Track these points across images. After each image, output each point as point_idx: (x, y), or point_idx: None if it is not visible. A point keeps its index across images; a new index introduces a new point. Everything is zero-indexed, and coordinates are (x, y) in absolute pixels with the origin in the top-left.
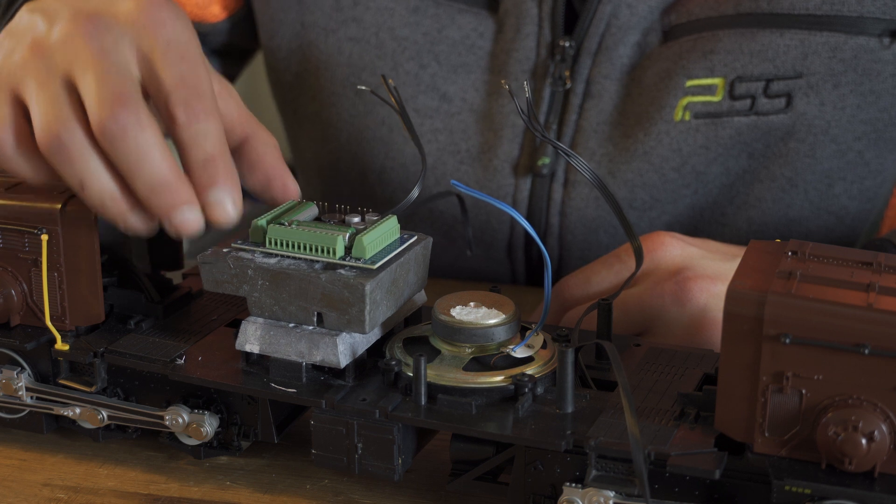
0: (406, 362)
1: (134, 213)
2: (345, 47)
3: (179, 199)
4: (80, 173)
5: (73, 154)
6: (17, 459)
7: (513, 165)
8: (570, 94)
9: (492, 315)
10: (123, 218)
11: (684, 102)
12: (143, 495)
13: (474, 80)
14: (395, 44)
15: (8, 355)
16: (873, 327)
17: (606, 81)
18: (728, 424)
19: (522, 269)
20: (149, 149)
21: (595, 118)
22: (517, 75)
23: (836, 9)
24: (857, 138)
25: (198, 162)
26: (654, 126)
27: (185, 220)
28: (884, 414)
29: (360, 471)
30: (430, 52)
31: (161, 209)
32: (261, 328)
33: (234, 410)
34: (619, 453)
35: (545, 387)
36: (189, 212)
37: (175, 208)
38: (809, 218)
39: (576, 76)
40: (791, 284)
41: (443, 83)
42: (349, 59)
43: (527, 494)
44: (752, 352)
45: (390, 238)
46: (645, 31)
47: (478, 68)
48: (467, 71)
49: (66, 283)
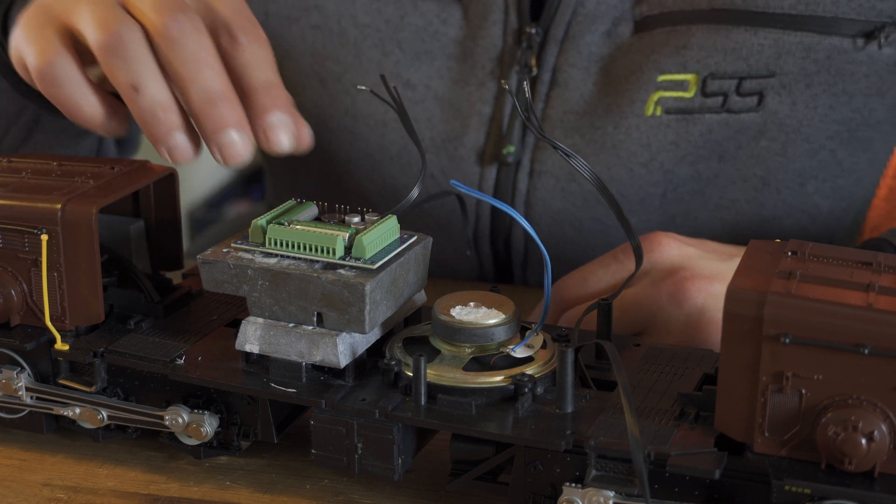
0: (406, 362)
1: (181, 131)
2: (308, 36)
3: (233, 117)
4: (135, 75)
5: (130, 52)
6: (17, 459)
7: (478, 154)
8: (536, 81)
9: (492, 315)
10: (170, 134)
11: (656, 97)
12: (143, 495)
13: (438, 68)
14: (357, 31)
15: (8, 355)
16: (873, 327)
17: (573, 70)
18: (728, 424)
19: (490, 263)
20: (208, 56)
21: (561, 107)
22: (484, 63)
23: (811, 9)
24: (829, 137)
25: (259, 83)
26: (624, 119)
27: (234, 141)
28: (884, 414)
29: (360, 471)
30: (392, 40)
31: (213, 124)
32: (261, 328)
33: (233, 410)
34: (619, 453)
35: (545, 387)
36: (239, 134)
37: (227, 126)
38: (783, 217)
39: (542, 64)
40: (791, 284)
41: (406, 71)
42: (312, 47)
43: (527, 494)
44: (751, 352)
45: (390, 238)
46: (615, 20)
47: (442, 55)
48: (431, 58)
49: (65, 283)
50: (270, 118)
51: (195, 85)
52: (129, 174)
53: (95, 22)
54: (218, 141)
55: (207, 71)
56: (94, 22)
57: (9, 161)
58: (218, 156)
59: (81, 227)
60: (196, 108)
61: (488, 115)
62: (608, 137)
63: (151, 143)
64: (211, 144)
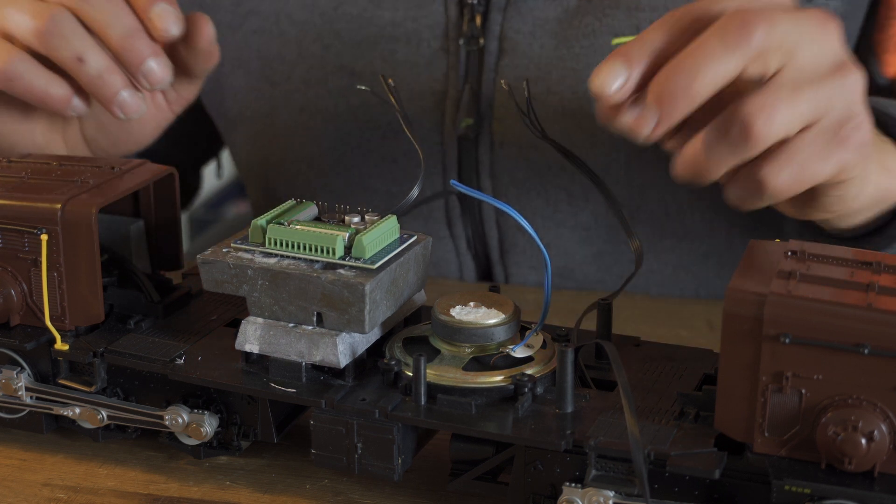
0: (406, 362)
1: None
2: (251, 41)
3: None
4: (77, 48)
5: (67, 30)
6: (17, 459)
7: (438, 132)
8: (484, 52)
9: (492, 315)
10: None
11: None
12: (142, 495)
13: (381, 52)
14: (295, 29)
15: (8, 355)
16: (873, 327)
17: (520, 36)
18: (728, 424)
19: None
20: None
21: (512, 75)
22: (430, 41)
23: None
24: None
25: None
26: (580, 84)
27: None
28: (883, 414)
29: (359, 471)
30: (330, 31)
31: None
32: (260, 328)
33: (233, 410)
34: (619, 453)
35: (545, 387)
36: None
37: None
38: None
39: (487, 33)
40: (791, 284)
41: (350, 60)
42: (257, 51)
43: (527, 494)
44: (751, 352)
45: (390, 238)
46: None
47: (382, 39)
48: (372, 44)
49: (65, 283)
50: (153, 10)
51: (111, 27)
52: (129, 174)
53: (27, 15)
54: (142, 70)
55: (119, 11)
56: (26, 16)
57: (9, 161)
58: (144, 82)
59: (81, 227)
60: (117, 47)
61: (441, 91)
62: (566, 102)
63: (103, 105)
64: (137, 75)
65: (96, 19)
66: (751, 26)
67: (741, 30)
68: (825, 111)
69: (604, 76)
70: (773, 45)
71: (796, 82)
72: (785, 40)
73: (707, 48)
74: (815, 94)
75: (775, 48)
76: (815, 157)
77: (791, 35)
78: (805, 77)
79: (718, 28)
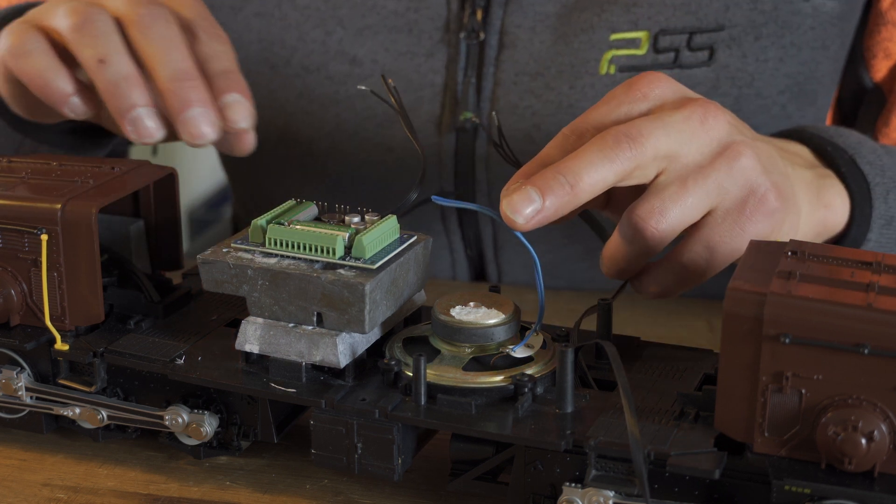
0: (406, 362)
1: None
2: (252, 23)
3: (198, 95)
4: (102, 48)
5: (98, 29)
6: (17, 459)
7: (436, 123)
8: (484, 46)
9: (492, 315)
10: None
11: (609, 56)
12: (142, 495)
13: (383, 41)
14: (297, 13)
15: (8, 355)
16: (873, 327)
17: (520, 31)
18: (728, 424)
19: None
20: (176, 39)
21: (512, 69)
22: (431, 32)
23: None
24: (780, 92)
25: (218, 71)
26: (579, 79)
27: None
28: (883, 414)
29: (359, 471)
30: (333, 18)
31: (179, 102)
32: (260, 328)
33: (233, 410)
34: (619, 453)
35: (545, 387)
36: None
37: (193, 103)
38: None
39: (488, 27)
40: (791, 284)
41: (350, 47)
42: (258, 34)
43: (527, 494)
44: (751, 352)
45: (390, 238)
46: None
47: (384, 28)
48: (374, 33)
49: (65, 283)
50: (227, 98)
51: (163, 65)
52: (129, 174)
53: (68, 12)
54: (184, 117)
55: (175, 52)
56: (66, 13)
57: (9, 161)
58: (184, 133)
59: (81, 227)
60: (164, 86)
61: (441, 83)
62: (564, 98)
63: (115, 117)
64: (177, 121)
65: (151, 54)
66: (621, 144)
67: (613, 145)
68: (720, 196)
69: (515, 201)
70: (646, 159)
71: (680, 179)
72: (659, 150)
73: (586, 156)
74: (704, 184)
75: (649, 160)
76: (727, 235)
77: (665, 143)
78: (689, 172)
79: (596, 141)
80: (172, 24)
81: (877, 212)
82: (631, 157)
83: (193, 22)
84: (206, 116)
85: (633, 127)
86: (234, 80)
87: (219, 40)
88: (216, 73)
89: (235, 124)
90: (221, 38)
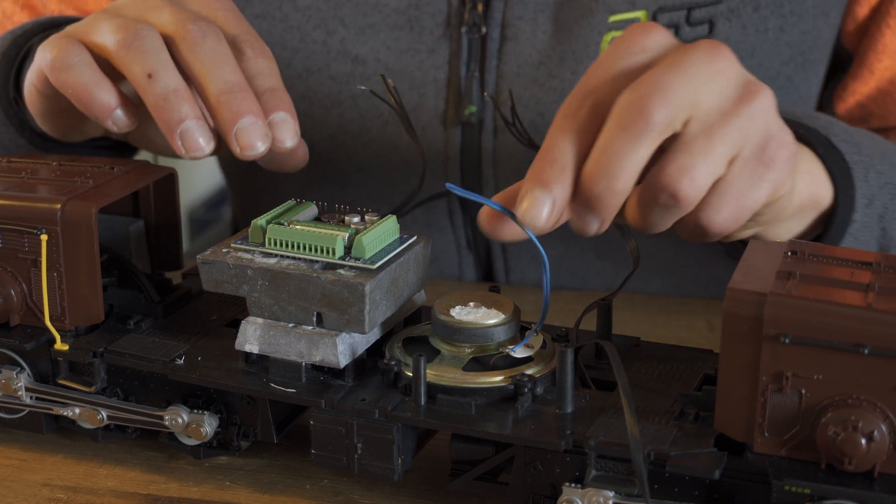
0: (406, 362)
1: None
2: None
3: (249, 106)
4: (150, 64)
5: (146, 45)
6: (17, 459)
7: (441, 119)
8: (486, 39)
9: (491, 315)
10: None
11: (609, 38)
12: (142, 495)
13: (385, 39)
14: (299, 14)
15: (8, 355)
16: (873, 327)
17: (522, 23)
18: (728, 424)
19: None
20: (226, 55)
21: (515, 61)
22: (432, 29)
23: None
24: (783, 63)
25: (264, 88)
26: (580, 64)
27: (251, 127)
28: (883, 414)
29: (359, 471)
30: (335, 17)
31: (231, 113)
32: (260, 328)
33: (233, 410)
34: (619, 453)
35: (545, 387)
36: (255, 121)
37: (245, 114)
38: None
39: (490, 21)
40: (791, 284)
41: (353, 46)
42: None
43: (526, 494)
44: (751, 352)
45: (390, 238)
46: None
47: (386, 27)
48: (376, 31)
49: (65, 283)
50: (274, 116)
51: (214, 79)
52: (129, 174)
53: (114, 28)
54: (237, 127)
55: (225, 66)
56: (113, 29)
57: (9, 161)
58: (235, 144)
59: (81, 227)
60: (214, 100)
61: (444, 79)
62: (567, 84)
63: (164, 133)
64: (229, 133)
65: (200, 69)
66: (648, 110)
67: (640, 117)
68: (743, 142)
69: (528, 210)
70: (675, 111)
71: (706, 129)
72: (683, 99)
73: (616, 146)
74: (729, 132)
75: (677, 112)
76: (747, 187)
77: (687, 90)
78: (713, 120)
79: (618, 122)
80: (222, 40)
81: (859, 192)
82: (661, 117)
83: (239, 38)
84: (258, 128)
85: (652, 83)
86: (281, 99)
87: (264, 56)
88: (262, 90)
89: (282, 144)
90: (267, 55)
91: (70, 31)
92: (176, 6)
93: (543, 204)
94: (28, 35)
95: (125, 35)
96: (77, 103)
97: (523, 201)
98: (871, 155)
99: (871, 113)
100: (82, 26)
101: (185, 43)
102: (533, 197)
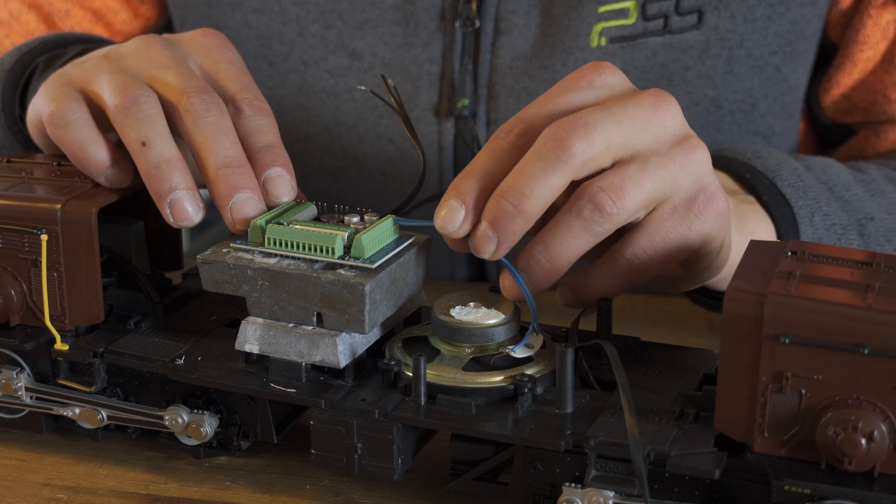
0: (406, 362)
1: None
2: (251, 19)
3: (246, 181)
4: (145, 131)
5: (143, 112)
6: (17, 459)
7: (434, 112)
8: (480, 33)
9: (491, 315)
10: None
11: (599, 28)
12: (142, 495)
13: (382, 34)
14: (297, 8)
15: (8, 355)
16: (873, 327)
17: (515, 17)
18: (728, 424)
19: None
20: (226, 128)
21: (508, 54)
22: (426, 23)
23: None
24: (772, 53)
25: (261, 146)
26: (570, 55)
27: (245, 201)
28: (883, 414)
29: (359, 471)
30: (333, 12)
31: (228, 187)
32: (260, 328)
33: (233, 410)
34: (619, 453)
35: (545, 387)
36: (250, 195)
37: (240, 189)
38: (738, 141)
39: (483, 15)
40: (791, 284)
41: (350, 41)
42: (257, 30)
43: (526, 494)
44: (751, 352)
45: (389, 238)
46: None
47: (383, 21)
48: (373, 26)
49: (65, 283)
50: (270, 172)
51: (213, 153)
52: None
53: (115, 88)
54: (232, 202)
55: (225, 140)
56: (114, 88)
57: (9, 161)
58: (229, 216)
59: (81, 227)
60: (212, 174)
61: (437, 73)
62: (558, 75)
63: (154, 200)
64: (224, 206)
65: (202, 143)
66: (566, 142)
67: (557, 150)
68: (674, 188)
69: (445, 217)
70: (597, 151)
71: (640, 164)
72: (608, 139)
73: (529, 169)
74: (661, 174)
75: (601, 152)
76: (674, 231)
77: (613, 130)
78: (648, 159)
79: (537, 149)
80: (224, 113)
81: (803, 236)
82: (579, 152)
83: (238, 95)
84: (253, 202)
85: (578, 119)
86: (277, 154)
87: (262, 113)
88: (259, 147)
89: (278, 198)
90: (265, 112)
91: (72, 78)
92: (181, 67)
93: (458, 212)
94: (35, 53)
95: (124, 100)
96: (72, 159)
97: (441, 209)
98: (817, 198)
99: (854, 105)
100: (84, 73)
101: (190, 116)
102: (449, 206)
